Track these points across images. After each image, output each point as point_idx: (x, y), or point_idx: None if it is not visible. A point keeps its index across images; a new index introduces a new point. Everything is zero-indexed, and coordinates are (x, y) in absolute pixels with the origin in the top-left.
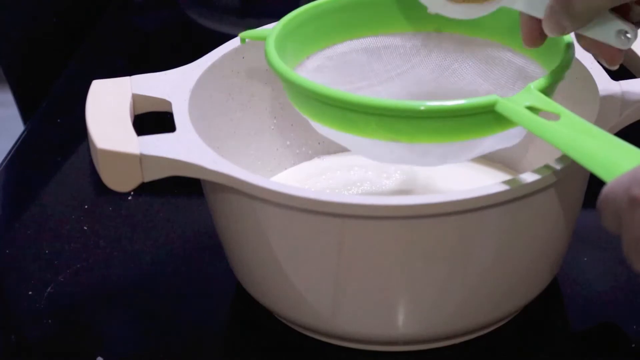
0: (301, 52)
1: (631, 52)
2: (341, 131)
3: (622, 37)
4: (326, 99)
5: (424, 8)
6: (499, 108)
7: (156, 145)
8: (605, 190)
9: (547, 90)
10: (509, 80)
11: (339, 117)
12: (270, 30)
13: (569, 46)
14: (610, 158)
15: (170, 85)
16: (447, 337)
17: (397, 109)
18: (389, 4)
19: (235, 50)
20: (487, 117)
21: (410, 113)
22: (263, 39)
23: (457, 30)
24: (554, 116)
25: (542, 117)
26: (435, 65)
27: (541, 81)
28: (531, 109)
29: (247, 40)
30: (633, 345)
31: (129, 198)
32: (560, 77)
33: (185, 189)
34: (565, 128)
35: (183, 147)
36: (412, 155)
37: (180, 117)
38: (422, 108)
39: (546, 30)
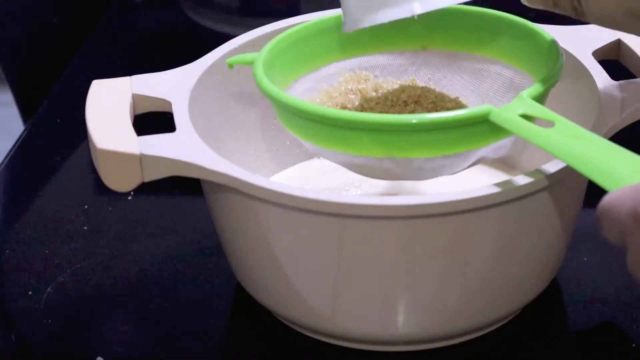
0: (289, 76)
1: (631, 52)
2: (335, 150)
3: None
4: (318, 117)
5: (408, 26)
6: (493, 117)
7: (156, 145)
8: (606, 202)
9: (539, 98)
10: (498, 92)
11: (332, 136)
12: (257, 54)
13: (559, 54)
14: (609, 165)
15: (170, 85)
16: (447, 337)
17: (391, 124)
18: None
19: (235, 50)
20: (482, 127)
21: (404, 127)
22: (250, 63)
23: (443, 46)
24: (548, 124)
25: (536, 125)
26: (424, 82)
27: (533, 89)
28: (525, 117)
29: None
30: (633, 345)
31: (129, 198)
32: (551, 84)
33: (185, 189)
34: (560, 135)
35: (183, 147)
36: (406, 171)
37: (180, 117)
38: (414, 121)
39: None
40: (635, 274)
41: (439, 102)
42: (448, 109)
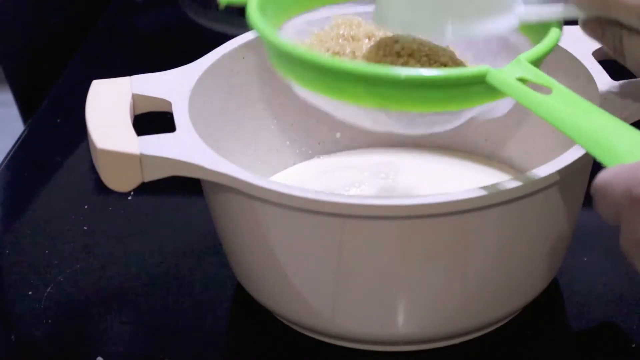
0: (281, 15)
1: None
2: (327, 96)
3: None
4: (315, 65)
5: None
6: (490, 79)
7: (156, 145)
8: (601, 179)
9: (537, 63)
10: (492, 50)
11: (326, 83)
12: None
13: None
14: (608, 137)
15: (170, 85)
16: (447, 337)
17: (386, 77)
18: None
19: (235, 50)
20: (478, 87)
21: (398, 80)
22: (244, 3)
23: None
24: (545, 90)
25: (534, 91)
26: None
27: (531, 53)
28: (522, 80)
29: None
30: (633, 346)
31: (129, 198)
32: (549, 49)
33: (185, 189)
34: (557, 102)
35: (183, 147)
36: (398, 123)
37: (180, 117)
38: (402, 77)
39: None
40: (628, 254)
41: (433, 55)
42: (442, 63)
